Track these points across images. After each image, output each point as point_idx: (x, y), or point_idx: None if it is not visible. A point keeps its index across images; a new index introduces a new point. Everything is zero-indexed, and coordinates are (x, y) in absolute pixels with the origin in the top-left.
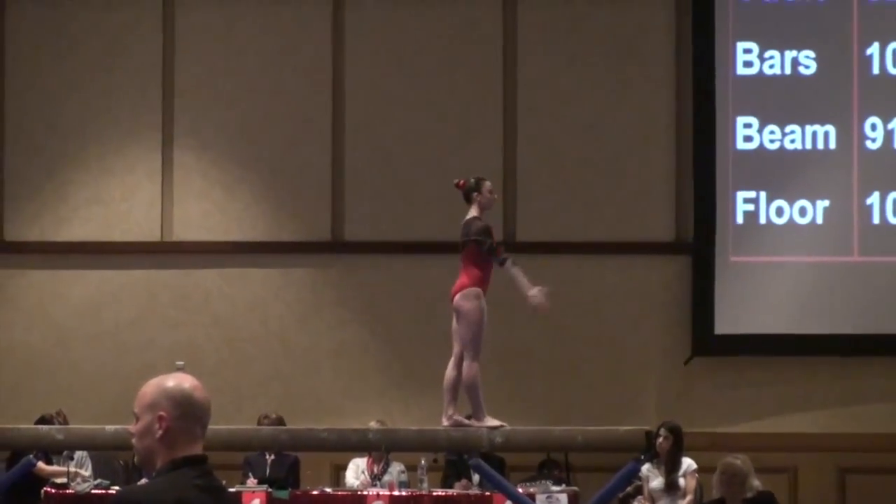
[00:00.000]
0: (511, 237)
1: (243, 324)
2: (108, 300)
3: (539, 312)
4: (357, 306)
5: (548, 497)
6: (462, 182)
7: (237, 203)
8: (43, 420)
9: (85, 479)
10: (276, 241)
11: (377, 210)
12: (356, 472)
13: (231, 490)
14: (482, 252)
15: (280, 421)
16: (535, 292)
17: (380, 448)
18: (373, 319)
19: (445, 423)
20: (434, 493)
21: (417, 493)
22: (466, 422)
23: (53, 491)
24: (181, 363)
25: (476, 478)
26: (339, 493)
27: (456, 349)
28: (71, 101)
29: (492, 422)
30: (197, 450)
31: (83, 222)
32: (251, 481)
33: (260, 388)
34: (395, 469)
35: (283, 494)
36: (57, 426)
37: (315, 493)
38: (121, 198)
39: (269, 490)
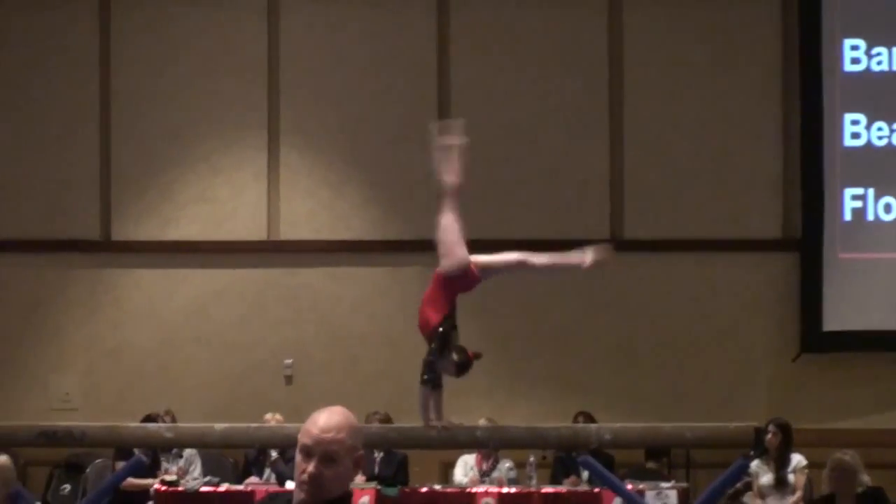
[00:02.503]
0: (618, 235)
1: (350, 322)
2: (215, 299)
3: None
4: (465, 304)
5: (657, 494)
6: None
7: (343, 202)
8: (149, 419)
9: (195, 478)
10: (382, 240)
11: (485, 209)
12: (465, 469)
13: None
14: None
15: (388, 419)
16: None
17: (488, 445)
18: (481, 317)
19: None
20: (543, 490)
21: (526, 489)
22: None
23: (163, 489)
24: (289, 362)
25: (585, 474)
26: (448, 490)
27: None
28: (177, 100)
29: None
30: None
31: (190, 222)
32: (360, 479)
33: (367, 386)
34: (504, 466)
35: (393, 492)
36: (166, 424)
37: (424, 490)
38: (227, 197)
39: (378, 487)
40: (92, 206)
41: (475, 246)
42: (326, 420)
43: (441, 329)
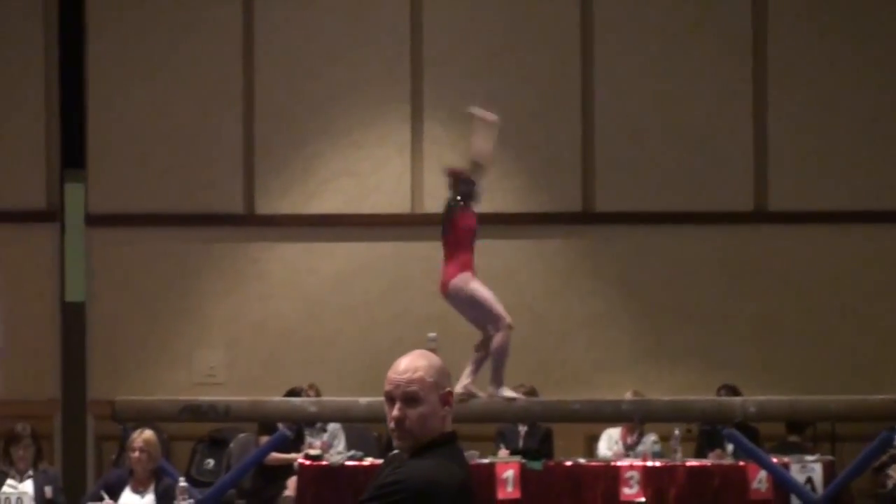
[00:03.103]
0: (763, 207)
1: (495, 295)
2: (359, 272)
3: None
4: (609, 277)
5: (802, 467)
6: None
7: (487, 174)
8: (293, 392)
9: (339, 452)
10: (526, 213)
11: (627, 180)
12: (609, 442)
13: (484, 461)
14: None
15: (533, 392)
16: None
17: (633, 419)
18: (624, 290)
19: (459, 389)
20: (688, 464)
21: (671, 463)
22: (478, 392)
23: (308, 463)
24: (433, 335)
25: (730, 448)
26: (593, 463)
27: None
28: (320, 74)
29: (508, 393)
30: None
31: (333, 195)
32: (503, 452)
33: (512, 359)
34: (649, 439)
35: (537, 465)
36: (311, 398)
37: (568, 463)
38: (370, 170)
39: (523, 461)
40: (236, 180)
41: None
42: (404, 363)
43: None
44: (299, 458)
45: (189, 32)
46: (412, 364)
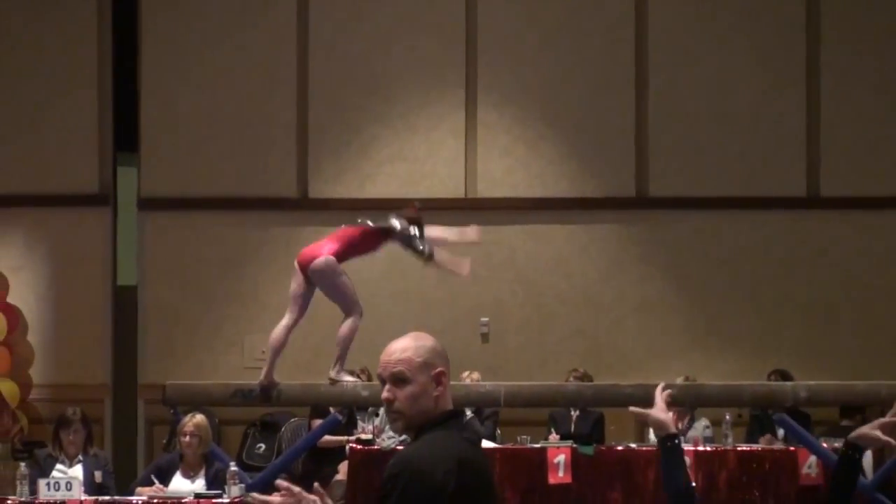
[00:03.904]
0: (815, 193)
1: (548, 280)
2: (411, 257)
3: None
4: (662, 262)
5: None
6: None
7: (540, 159)
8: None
9: (390, 436)
10: (580, 198)
11: (680, 165)
12: None
13: (535, 446)
14: None
15: (587, 377)
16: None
17: (684, 404)
18: (678, 275)
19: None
20: (739, 448)
21: (722, 448)
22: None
23: (359, 447)
24: (485, 320)
25: (780, 433)
26: (644, 448)
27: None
28: (375, 58)
29: (347, 377)
30: (451, 403)
31: (387, 179)
32: (554, 437)
33: (564, 344)
34: (700, 424)
35: (589, 450)
36: (362, 382)
37: (620, 448)
38: (425, 155)
39: (574, 446)
40: (289, 163)
41: (671, 203)
42: (394, 345)
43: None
44: (351, 441)
45: (243, 15)
46: (401, 345)
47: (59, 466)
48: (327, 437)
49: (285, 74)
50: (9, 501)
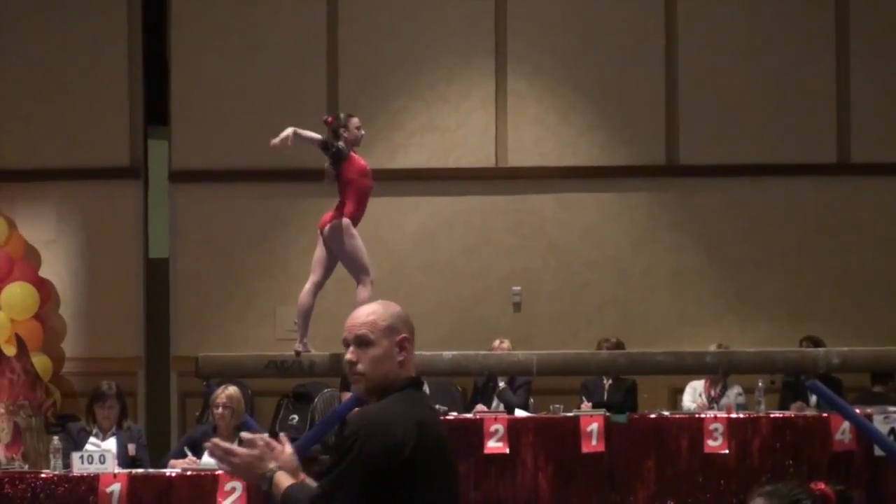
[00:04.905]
0: (845, 159)
1: (579, 249)
2: (444, 227)
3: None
4: (693, 230)
5: (885, 417)
6: (331, 119)
7: (571, 128)
8: None
9: None
10: (610, 166)
11: (710, 133)
12: (693, 395)
13: (569, 415)
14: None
15: (620, 345)
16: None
17: (717, 371)
18: (709, 243)
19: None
20: (771, 415)
21: (755, 415)
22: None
23: None
24: (517, 289)
25: (813, 399)
26: (677, 416)
27: (314, 278)
28: (404, 29)
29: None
30: (414, 371)
31: (417, 149)
32: (586, 405)
33: (596, 313)
34: (733, 392)
35: (622, 419)
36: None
37: (653, 416)
38: (455, 125)
39: (607, 414)
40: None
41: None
42: (359, 310)
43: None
44: None
45: None
46: (367, 310)
47: (92, 440)
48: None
49: (315, 46)
50: (42, 475)
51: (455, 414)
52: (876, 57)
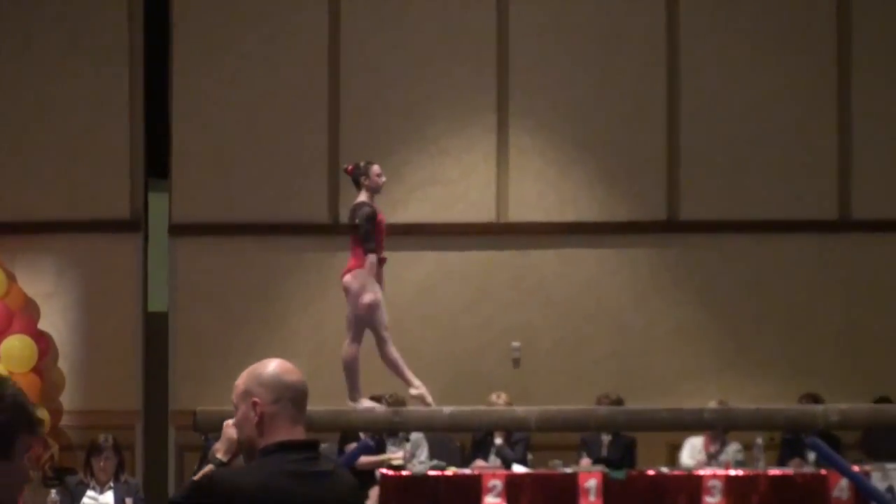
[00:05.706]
0: (847, 216)
1: (579, 304)
2: (444, 281)
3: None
4: (693, 286)
5: (884, 474)
6: (350, 167)
7: (571, 183)
8: (374, 401)
9: (421, 462)
10: (611, 222)
11: (712, 189)
12: (692, 451)
13: (566, 471)
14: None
15: (619, 402)
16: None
17: (715, 427)
18: (709, 299)
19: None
20: (770, 473)
21: (753, 472)
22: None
23: (390, 473)
24: (517, 344)
25: (811, 456)
26: (675, 473)
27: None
28: (407, 82)
29: (366, 403)
30: (297, 434)
31: (419, 203)
32: (585, 461)
33: (596, 368)
34: (732, 448)
35: (620, 475)
36: (393, 408)
37: (651, 473)
38: (457, 179)
39: (606, 470)
40: (321, 189)
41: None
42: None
43: None
44: (381, 469)
45: (274, 41)
46: (242, 374)
47: (89, 493)
48: (364, 459)
49: (316, 99)
50: None
51: (454, 469)
52: (877, 114)
